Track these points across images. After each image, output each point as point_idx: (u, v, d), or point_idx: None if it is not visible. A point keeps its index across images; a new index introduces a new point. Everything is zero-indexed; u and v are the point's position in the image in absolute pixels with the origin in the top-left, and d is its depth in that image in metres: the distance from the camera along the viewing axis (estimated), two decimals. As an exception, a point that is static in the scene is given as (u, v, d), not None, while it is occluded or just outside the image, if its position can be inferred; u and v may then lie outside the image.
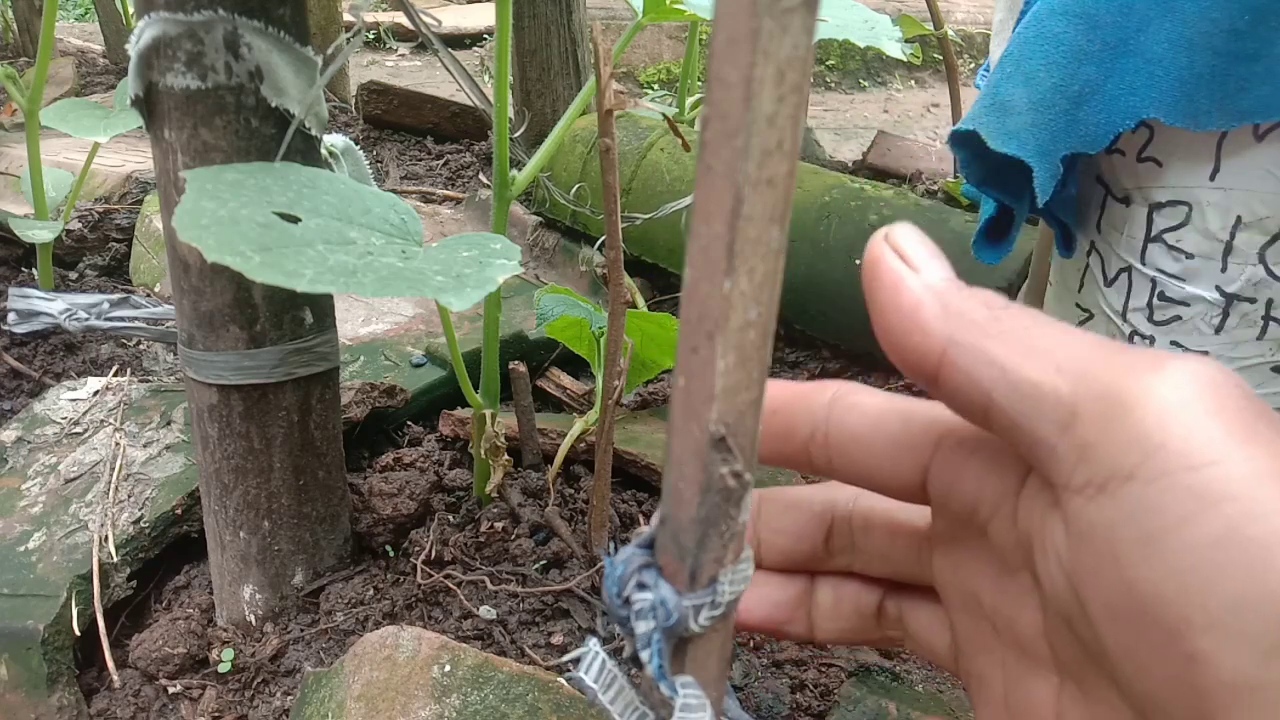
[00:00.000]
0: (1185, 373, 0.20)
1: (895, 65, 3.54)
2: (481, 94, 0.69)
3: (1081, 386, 0.20)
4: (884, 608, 0.29)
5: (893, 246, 0.23)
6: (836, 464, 0.26)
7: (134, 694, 0.71)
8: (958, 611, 0.27)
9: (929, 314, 0.22)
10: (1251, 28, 0.51)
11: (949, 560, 0.26)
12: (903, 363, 0.23)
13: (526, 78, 1.57)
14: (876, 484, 0.26)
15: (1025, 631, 0.24)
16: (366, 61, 3.80)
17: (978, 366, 0.21)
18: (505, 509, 0.83)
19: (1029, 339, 0.21)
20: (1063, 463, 0.20)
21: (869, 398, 0.26)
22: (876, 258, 0.23)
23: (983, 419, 0.22)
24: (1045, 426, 0.20)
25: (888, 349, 0.23)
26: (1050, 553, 0.22)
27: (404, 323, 1.20)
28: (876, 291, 0.23)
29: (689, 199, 0.40)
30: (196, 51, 0.59)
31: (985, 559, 0.25)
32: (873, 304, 0.23)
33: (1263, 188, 0.55)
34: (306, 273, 0.46)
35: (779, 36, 0.16)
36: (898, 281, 0.23)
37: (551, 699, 0.57)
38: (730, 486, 0.20)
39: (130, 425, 0.90)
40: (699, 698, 0.21)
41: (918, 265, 0.23)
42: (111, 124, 1.10)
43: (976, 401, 0.22)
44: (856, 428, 0.25)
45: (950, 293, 0.22)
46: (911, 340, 0.22)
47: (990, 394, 0.21)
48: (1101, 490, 0.20)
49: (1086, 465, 0.20)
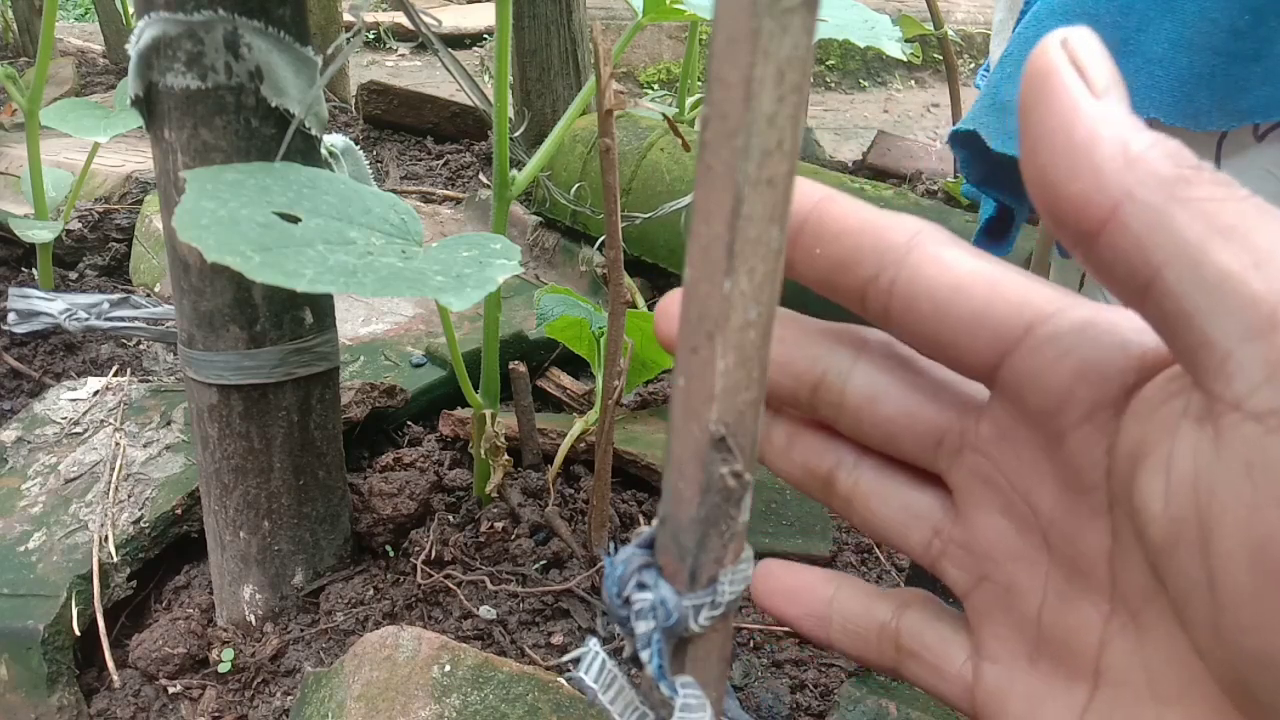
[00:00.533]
0: None
1: (895, 65, 3.54)
2: (481, 94, 0.69)
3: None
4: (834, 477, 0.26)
5: (1071, 57, 0.19)
6: (898, 318, 0.22)
7: (134, 694, 0.71)
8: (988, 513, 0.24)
9: (1106, 155, 0.18)
10: (1252, 28, 0.51)
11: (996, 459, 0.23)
12: (1056, 211, 0.19)
13: (526, 78, 1.57)
14: (942, 354, 0.22)
15: (1086, 552, 0.21)
16: (366, 61, 3.80)
17: (1155, 234, 0.18)
18: (505, 509, 0.83)
19: (1224, 214, 0.17)
20: (1239, 377, 0.17)
21: (955, 252, 0.22)
22: (1047, 69, 0.19)
23: (1140, 299, 0.18)
24: (1226, 327, 0.17)
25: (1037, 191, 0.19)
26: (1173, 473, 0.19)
27: (404, 323, 1.20)
28: (1041, 112, 0.19)
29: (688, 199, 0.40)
30: (196, 51, 0.59)
31: (1050, 466, 0.22)
32: (1031, 129, 0.19)
33: (1263, 188, 0.55)
34: (306, 273, 0.46)
35: (779, 36, 0.16)
36: (1073, 106, 0.18)
37: (551, 699, 0.57)
38: (730, 486, 0.20)
39: (130, 425, 0.90)
40: (699, 698, 0.21)
41: (1099, 89, 0.19)
42: (111, 124, 1.10)
43: (1140, 276, 0.18)
44: (934, 285, 0.21)
45: (1134, 133, 0.18)
46: (1076, 185, 0.18)
47: (1161, 270, 0.18)
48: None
49: (1277, 389, 0.16)
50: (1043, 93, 0.19)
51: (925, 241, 0.22)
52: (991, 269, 0.21)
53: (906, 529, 0.25)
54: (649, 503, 0.88)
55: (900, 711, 0.63)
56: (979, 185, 0.66)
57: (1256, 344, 0.17)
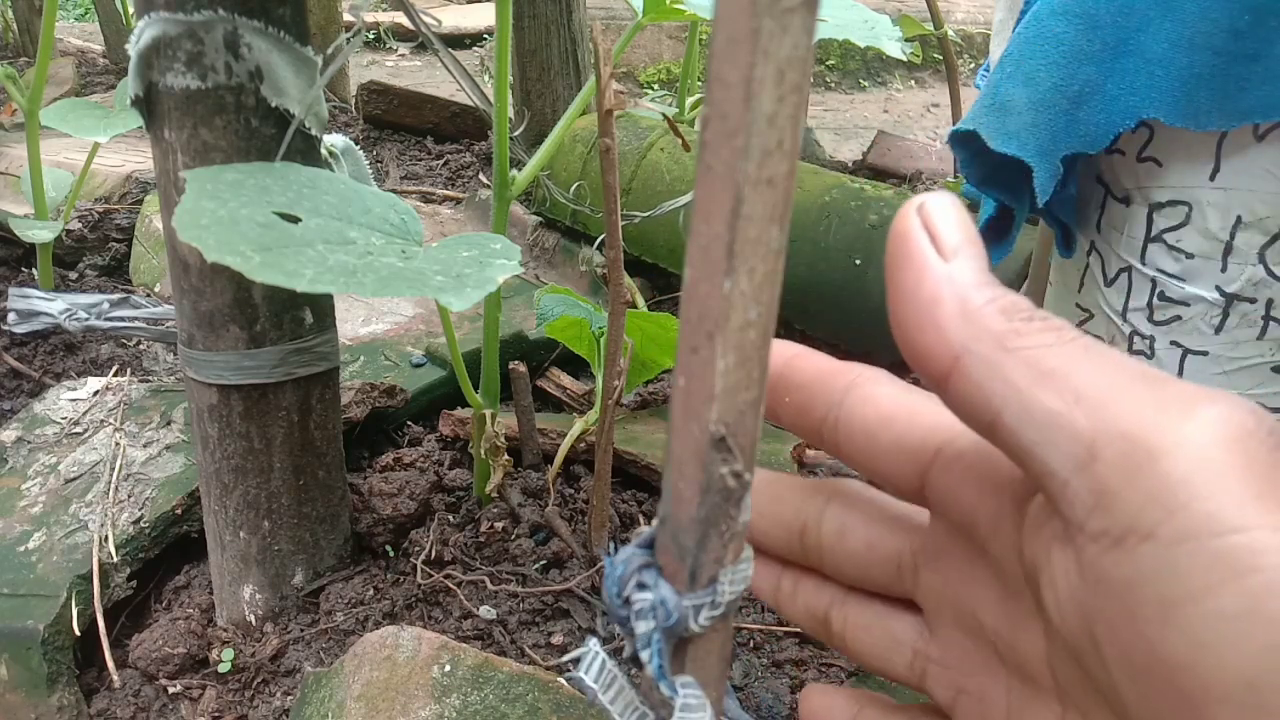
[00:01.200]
0: (1216, 420, 0.18)
1: (895, 65, 3.54)
2: (481, 94, 0.69)
3: (1102, 423, 0.19)
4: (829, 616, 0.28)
5: (924, 222, 0.21)
6: (844, 451, 0.25)
7: (134, 694, 0.71)
8: (949, 628, 0.25)
9: (947, 313, 0.20)
10: (1252, 28, 0.51)
11: (943, 574, 0.25)
12: (912, 360, 0.21)
13: (526, 78, 1.57)
14: (879, 479, 0.25)
15: (1027, 656, 0.23)
16: (366, 61, 3.80)
17: (991, 382, 0.20)
18: (505, 509, 0.83)
19: (1049, 359, 0.19)
20: (1076, 503, 0.19)
21: (884, 390, 0.24)
22: (904, 233, 0.21)
23: (990, 436, 0.21)
24: (1059, 459, 0.19)
25: (899, 340, 0.21)
26: (1061, 587, 0.20)
27: (404, 323, 1.20)
28: (898, 273, 0.21)
29: (688, 197, 0.40)
30: (196, 51, 0.59)
31: (985, 576, 0.24)
32: (892, 285, 0.21)
33: (1263, 188, 0.55)
34: (306, 273, 0.46)
35: (779, 36, 0.16)
36: (921, 268, 0.21)
37: (551, 699, 0.57)
38: (730, 486, 0.20)
39: (130, 425, 0.90)
40: (699, 698, 0.21)
41: (948, 251, 0.21)
42: (111, 124, 1.10)
43: (984, 416, 0.20)
44: (865, 421, 0.24)
45: (973, 291, 0.20)
46: (925, 338, 0.21)
47: (1000, 413, 0.20)
48: (1118, 544, 0.18)
49: (1104, 514, 0.19)
50: (899, 254, 0.21)
51: (862, 383, 0.24)
52: (913, 400, 0.24)
53: (890, 654, 0.27)
54: (649, 503, 0.88)
55: (900, 711, 0.63)
56: (979, 185, 0.66)
57: (1083, 474, 0.19)
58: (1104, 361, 0.19)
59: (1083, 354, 0.20)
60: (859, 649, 0.28)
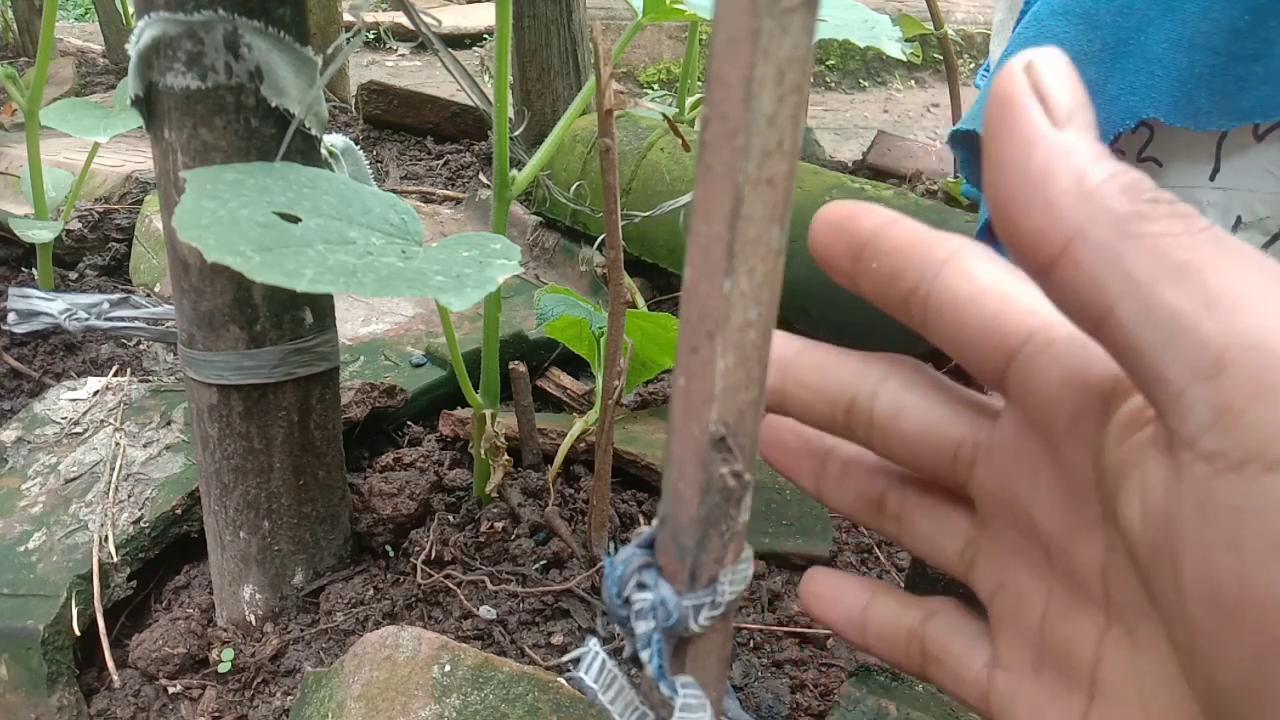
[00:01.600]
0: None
1: (895, 65, 3.54)
2: (481, 94, 0.69)
3: (1235, 332, 0.16)
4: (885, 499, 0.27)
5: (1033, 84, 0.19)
6: (931, 326, 0.23)
7: (134, 694, 0.71)
8: (1000, 523, 0.24)
9: (1060, 190, 0.18)
10: (1252, 28, 0.51)
11: (1004, 469, 0.23)
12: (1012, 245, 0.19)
13: (526, 78, 1.57)
14: (963, 360, 0.23)
15: (1080, 564, 0.22)
16: (366, 61, 3.80)
17: (1107, 272, 0.18)
18: (505, 509, 0.83)
19: (1178, 250, 0.17)
20: (1190, 417, 0.17)
21: (982, 266, 0.22)
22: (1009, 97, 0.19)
23: (1097, 333, 0.19)
24: (1178, 367, 0.17)
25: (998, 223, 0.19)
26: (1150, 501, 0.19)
27: (404, 323, 1.20)
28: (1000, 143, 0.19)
29: (688, 197, 0.40)
30: (196, 51, 0.59)
31: (1050, 477, 0.22)
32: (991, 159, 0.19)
33: (1263, 188, 0.55)
34: (306, 273, 0.46)
35: (779, 36, 0.16)
36: (1030, 137, 0.18)
37: (551, 699, 0.57)
38: (730, 486, 0.20)
39: (130, 425, 0.90)
40: (699, 698, 0.21)
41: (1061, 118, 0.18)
42: (111, 124, 1.10)
43: (1094, 312, 0.18)
44: (956, 295, 0.22)
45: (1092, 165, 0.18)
46: (1031, 219, 0.18)
47: (1113, 308, 0.18)
48: (1236, 469, 0.16)
49: (1223, 433, 0.17)
50: (1002, 122, 0.19)
51: (960, 256, 0.22)
52: (1009, 282, 0.22)
53: (943, 542, 0.27)
54: (649, 503, 0.88)
55: (900, 711, 0.63)
56: (979, 185, 0.66)
57: (1205, 386, 0.17)
58: (1240, 259, 0.17)
59: (1216, 248, 0.17)
60: (912, 533, 0.27)
